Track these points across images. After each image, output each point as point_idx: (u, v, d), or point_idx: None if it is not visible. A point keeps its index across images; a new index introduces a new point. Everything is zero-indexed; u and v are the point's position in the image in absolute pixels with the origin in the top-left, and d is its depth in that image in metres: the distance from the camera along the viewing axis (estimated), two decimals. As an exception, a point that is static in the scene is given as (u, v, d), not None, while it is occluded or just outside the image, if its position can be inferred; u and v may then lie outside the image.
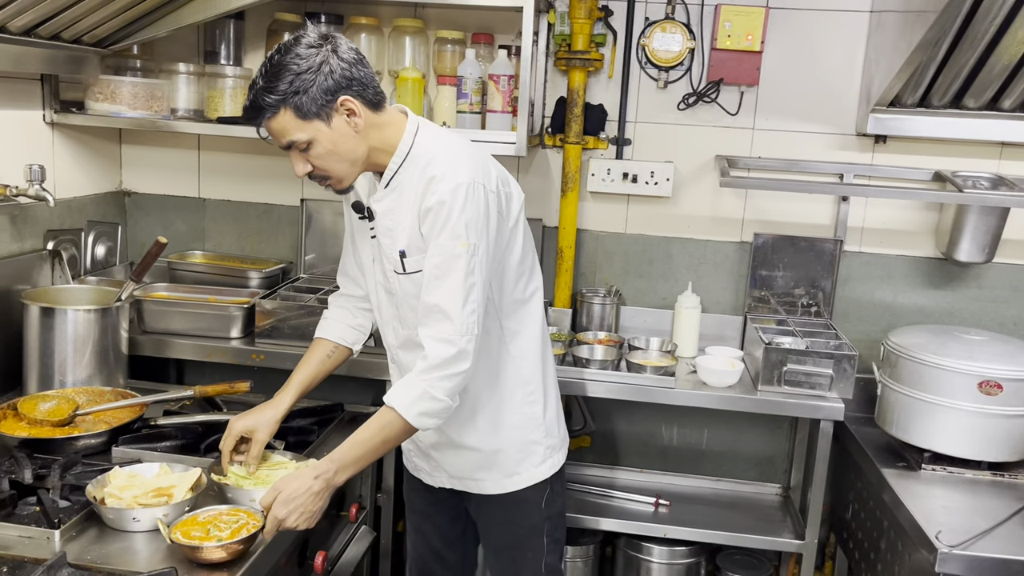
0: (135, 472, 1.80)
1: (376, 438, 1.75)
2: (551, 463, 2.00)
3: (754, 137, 2.86)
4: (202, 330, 2.58)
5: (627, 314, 2.94)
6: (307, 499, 1.66)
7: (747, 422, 2.96)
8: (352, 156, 1.75)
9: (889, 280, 2.88)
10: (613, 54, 2.83)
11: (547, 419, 1.99)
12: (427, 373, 1.71)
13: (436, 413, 1.74)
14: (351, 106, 1.70)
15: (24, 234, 2.49)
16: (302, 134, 1.69)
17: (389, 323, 1.95)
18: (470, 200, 1.71)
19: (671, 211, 2.92)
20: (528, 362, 1.94)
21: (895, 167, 2.79)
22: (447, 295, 1.71)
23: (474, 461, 1.96)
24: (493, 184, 1.79)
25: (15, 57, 2.23)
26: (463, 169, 1.73)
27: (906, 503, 2.17)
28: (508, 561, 2.04)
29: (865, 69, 2.74)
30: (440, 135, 1.84)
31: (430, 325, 1.73)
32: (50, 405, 2.10)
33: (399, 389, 1.75)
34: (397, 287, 1.86)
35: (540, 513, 2.00)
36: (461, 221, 1.70)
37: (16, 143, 2.46)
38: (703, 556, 2.79)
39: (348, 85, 1.69)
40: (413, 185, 1.77)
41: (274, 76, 1.65)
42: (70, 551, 1.54)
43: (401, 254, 1.81)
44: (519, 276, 1.90)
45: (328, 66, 1.66)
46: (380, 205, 1.83)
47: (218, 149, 3.02)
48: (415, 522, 2.19)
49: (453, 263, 1.71)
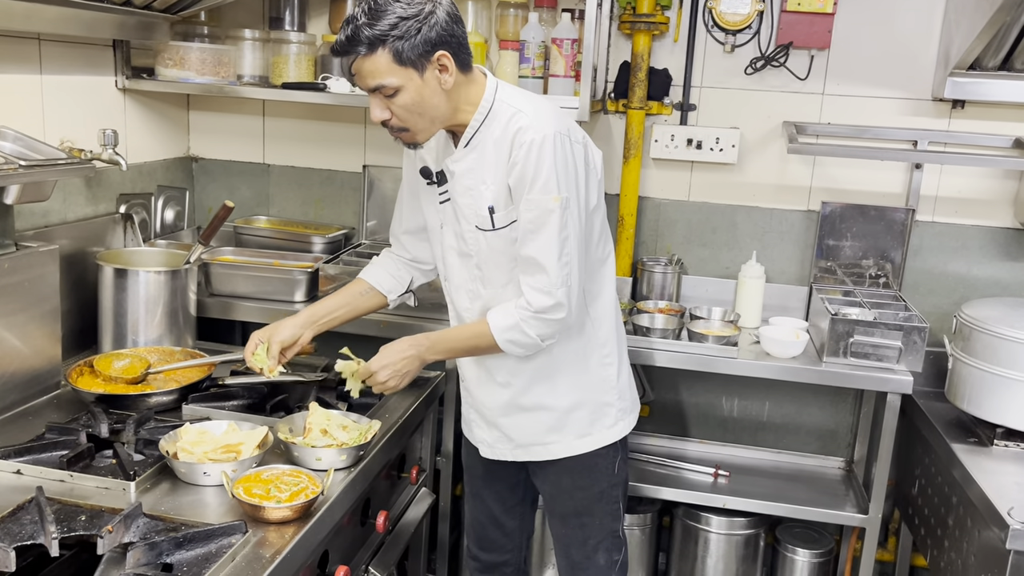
0: (205, 429, 1.85)
1: (467, 342, 1.89)
2: (622, 426, 2.01)
3: (823, 102, 2.77)
4: (267, 293, 2.63)
5: (689, 283, 2.91)
6: (398, 359, 1.85)
7: (810, 394, 2.91)
8: (434, 113, 1.74)
9: (963, 251, 2.78)
10: (679, 17, 2.77)
11: (620, 382, 2.00)
12: (525, 310, 1.78)
13: (524, 346, 1.82)
14: (446, 62, 1.69)
15: (98, 197, 2.56)
16: (394, 79, 1.67)
17: (463, 287, 1.95)
18: (559, 151, 1.72)
19: (736, 179, 2.86)
20: (605, 324, 1.95)
21: (973, 133, 2.69)
22: (542, 248, 1.74)
23: (546, 423, 1.96)
24: (579, 136, 1.80)
25: (88, 22, 2.28)
26: (548, 120, 1.73)
27: (977, 479, 2.12)
28: (577, 527, 2.03)
29: (944, 30, 2.63)
30: (520, 92, 1.84)
31: (529, 274, 1.78)
32: (124, 363, 2.17)
33: (500, 311, 1.82)
34: (478, 247, 1.86)
35: (609, 478, 2.01)
36: (552, 174, 1.71)
37: (90, 108, 2.52)
38: (762, 528, 2.76)
39: (448, 41, 1.68)
40: (496, 140, 1.77)
41: (378, 14, 1.63)
42: (144, 502, 1.60)
43: (490, 210, 1.80)
44: (600, 234, 1.91)
45: (435, 17, 1.66)
46: (459, 165, 1.82)
47: (282, 115, 3.05)
48: (474, 487, 2.21)
49: (547, 218, 1.73)
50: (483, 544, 2.23)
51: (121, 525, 1.48)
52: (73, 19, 2.23)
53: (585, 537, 2.03)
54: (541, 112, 1.75)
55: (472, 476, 2.21)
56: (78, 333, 2.36)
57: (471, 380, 2.04)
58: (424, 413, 2.34)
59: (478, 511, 2.21)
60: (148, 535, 1.51)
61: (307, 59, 2.78)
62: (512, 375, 1.94)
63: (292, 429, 1.89)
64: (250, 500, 1.60)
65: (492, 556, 2.23)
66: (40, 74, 2.30)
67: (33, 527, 1.51)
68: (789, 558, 2.78)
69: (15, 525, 1.52)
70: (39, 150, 2.02)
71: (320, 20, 2.92)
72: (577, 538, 2.04)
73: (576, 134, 1.79)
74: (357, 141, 3.02)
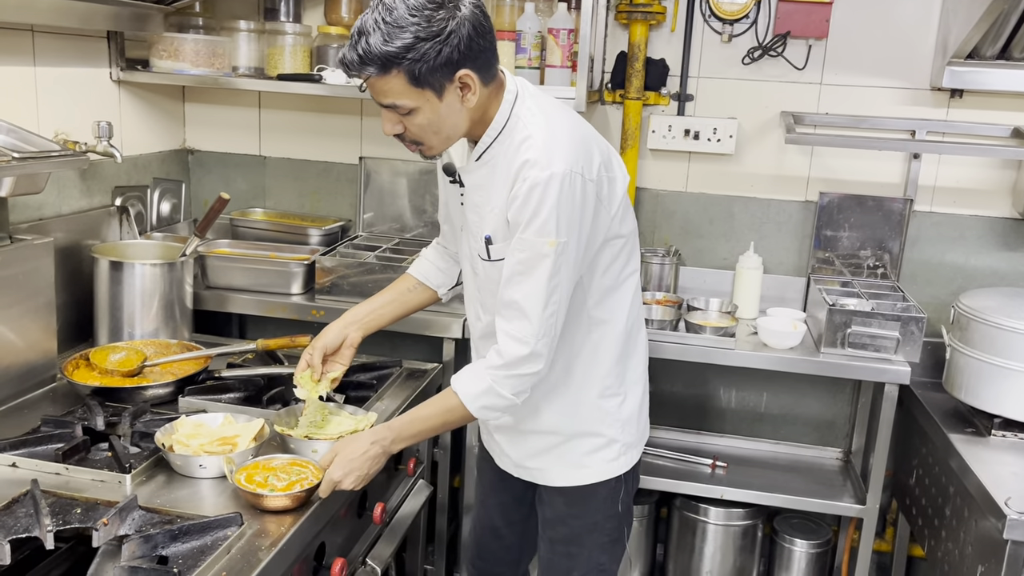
0: (201, 421, 1.85)
1: (437, 419, 1.74)
2: (624, 460, 1.87)
3: (821, 92, 2.76)
4: (263, 286, 2.62)
5: (686, 274, 2.90)
6: (363, 462, 1.67)
7: (807, 385, 2.91)
8: (452, 131, 1.61)
9: (961, 241, 2.78)
10: (676, 7, 2.76)
11: (624, 414, 1.85)
12: (496, 369, 1.64)
13: (500, 408, 1.69)
14: (468, 81, 1.54)
15: (93, 190, 2.55)
16: (408, 101, 1.54)
17: (471, 302, 1.86)
18: (564, 192, 1.55)
19: (734, 169, 2.86)
20: (609, 354, 1.80)
21: (971, 123, 2.68)
22: (528, 295, 1.60)
23: (539, 447, 1.86)
24: (594, 172, 1.62)
25: (82, 13, 2.27)
26: (560, 156, 1.57)
27: (974, 469, 2.11)
28: (563, 555, 1.91)
29: (942, 19, 2.62)
30: (540, 108, 1.65)
31: (508, 319, 1.64)
32: (120, 356, 2.16)
33: (467, 377, 1.69)
34: (481, 271, 1.76)
35: (605, 511, 1.88)
36: (552, 217, 1.55)
37: (85, 100, 2.51)
38: (760, 519, 2.76)
39: (472, 58, 1.52)
40: (507, 162, 1.63)
41: (393, 33, 1.47)
42: (140, 495, 1.59)
43: (487, 240, 1.68)
44: (613, 260, 1.74)
45: (457, 36, 1.49)
46: (470, 178, 1.71)
47: (278, 107, 3.04)
48: (481, 494, 2.13)
49: (539, 262, 1.58)
50: (481, 552, 2.16)
51: (117, 518, 1.48)
52: (67, 10, 2.22)
53: (570, 568, 1.91)
54: (554, 143, 1.58)
55: (482, 482, 2.13)
56: (74, 326, 2.36)
57: None
58: (421, 405, 2.33)
59: (482, 518, 2.14)
60: (144, 528, 1.51)
61: (303, 50, 2.77)
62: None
63: (288, 421, 1.89)
64: (249, 488, 1.60)
65: (488, 566, 2.15)
66: (34, 66, 2.29)
67: (28, 520, 1.51)
68: (787, 549, 2.79)
69: (10, 518, 1.51)
70: (33, 142, 2.01)
71: (316, 11, 2.90)
72: (561, 567, 1.92)
73: (591, 170, 1.60)
74: (353, 133, 3.01)
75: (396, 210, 3.00)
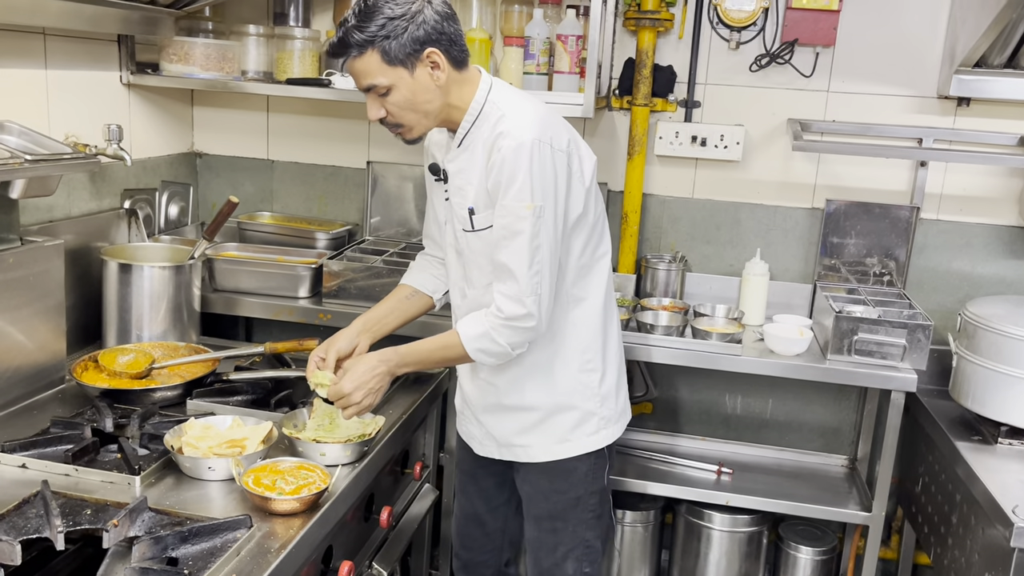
0: (209, 424, 1.85)
1: (436, 353, 1.87)
2: (605, 435, 1.98)
3: (828, 100, 2.77)
4: (271, 289, 2.63)
5: (693, 280, 2.91)
6: (371, 378, 1.80)
7: (813, 392, 2.91)
8: (427, 108, 1.76)
9: (968, 249, 2.78)
10: (684, 14, 2.76)
11: (603, 389, 1.97)
12: (495, 318, 1.78)
13: (494, 355, 1.81)
14: (436, 59, 1.71)
15: (102, 192, 2.56)
16: (384, 79, 1.70)
17: (457, 284, 1.97)
18: (535, 159, 1.71)
19: (740, 176, 2.86)
20: (589, 329, 1.93)
21: (978, 131, 2.68)
22: (513, 255, 1.74)
23: (526, 424, 1.95)
24: (563, 144, 1.77)
25: (93, 17, 2.28)
26: (529, 126, 1.73)
27: (981, 477, 2.11)
28: (549, 531, 2.00)
29: (949, 28, 2.63)
30: (512, 93, 1.84)
31: (501, 280, 1.78)
32: (128, 358, 2.17)
33: (470, 319, 1.82)
34: (465, 245, 1.88)
35: (587, 485, 1.98)
36: (527, 182, 1.71)
37: (95, 103, 2.52)
38: (765, 525, 2.76)
39: (437, 39, 1.70)
40: (483, 142, 1.78)
41: (367, 16, 1.67)
42: (149, 496, 1.59)
43: (470, 211, 1.82)
44: (587, 240, 1.89)
45: (422, 16, 1.68)
46: (453, 165, 1.85)
47: (286, 111, 3.05)
48: (461, 482, 2.20)
49: (518, 224, 1.73)
50: (464, 541, 2.22)
51: (127, 519, 1.48)
52: (78, 14, 2.23)
53: (556, 543, 2.00)
54: (525, 117, 1.75)
55: (461, 471, 2.20)
56: (83, 328, 2.37)
57: (463, 374, 2.06)
58: (427, 409, 2.34)
59: (464, 507, 2.20)
60: (153, 529, 1.51)
61: (311, 55, 2.78)
62: (494, 374, 1.94)
63: (296, 424, 1.90)
64: (257, 491, 1.60)
65: (472, 555, 2.21)
66: (45, 69, 2.30)
67: (39, 521, 1.51)
68: (792, 556, 2.78)
69: (20, 519, 1.52)
70: (44, 144, 2.02)
71: (324, 16, 2.92)
72: (548, 543, 2.01)
73: (559, 141, 1.77)
74: (361, 137, 3.02)
75: (403, 214, 3.00)
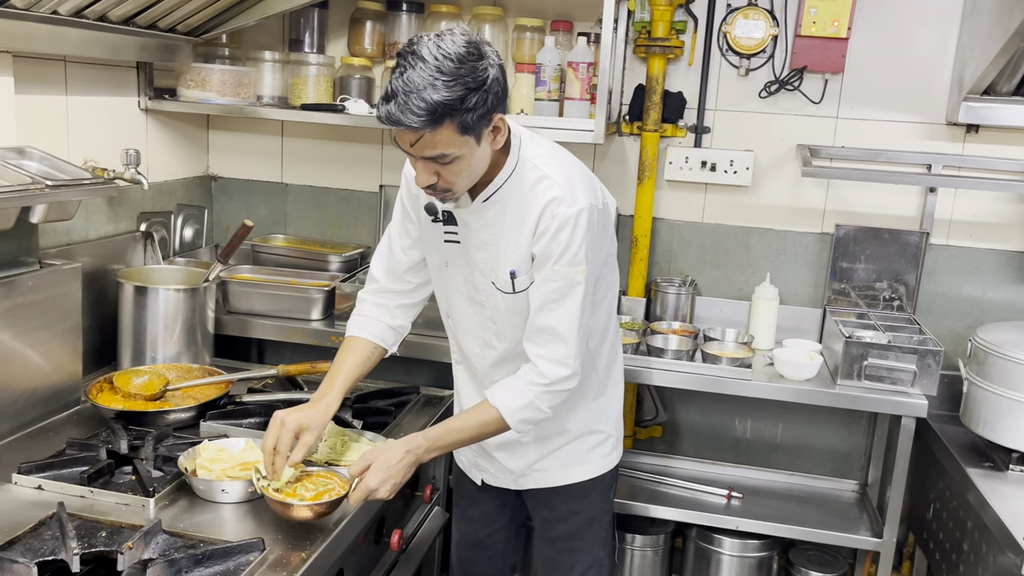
0: (223, 446, 1.87)
1: (472, 431, 1.78)
2: (615, 455, 2.02)
3: (837, 126, 2.79)
4: (284, 311, 2.65)
5: (702, 304, 2.92)
6: (399, 470, 1.69)
7: (823, 416, 2.91)
8: (479, 173, 1.66)
9: (977, 275, 2.78)
10: (694, 41, 2.80)
11: (614, 410, 2.01)
12: (537, 386, 1.73)
13: (535, 421, 1.78)
14: (500, 124, 1.62)
15: (119, 216, 2.59)
16: (455, 150, 1.56)
17: (472, 332, 1.90)
18: (590, 225, 1.68)
19: (750, 201, 2.88)
20: (601, 357, 1.94)
21: (987, 157, 2.69)
22: (564, 320, 1.70)
23: (542, 453, 1.95)
24: (600, 201, 1.75)
25: (113, 45, 2.33)
26: (581, 192, 1.69)
27: (992, 504, 2.11)
28: (566, 552, 2.01)
29: (958, 56, 2.65)
30: (543, 148, 1.76)
31: (543, 345, 1.73)
32: (143, 380, 2.19)
33: (506, 393, 1.75)
34: (494, 303, 1.81)
35: (602, 505, 2.01)
36: (582, 248, 1.67)
37: (113, 128, 2.56)
38: (776, 550, 2.75)
39: (503, 101, 1.59)
40: (520, 201, 1.71)
41: (447, 87, 1.48)
42: (163, 518, 1.61)
43: (512, 274, 1.75)
44: (606, 277, 1.87)
45: (498, 84, 1.55)
46: (475, 218, 1.75)
47: (300, 135, 3.09)
48: (462, 507, 2.19)
49: (572, 289, 1.69)
50: (466, 567, 2.21)
51: (141, 541, 1.50)
52: (98, 42, 2.27)
53: (572, 563, 2.01)
54: (573, 181, 1.69)
55: (460, 496, 2.18)
56: (98, 349, 2.39)
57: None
58: (438, 432, 2.35)
59: (464, 533, 2.19)
60: (167, 552, 1.52)
61: (326, 80, 2.82)
62: None
63: None
64: (277, 497, 1.62)
65: None
66: (65, 95, 2.34)
67: (55, 543, 1.53)
68: (802, 581, 2.77)
69: (36, 541, 1.54)
70: (64, 170, 2.05)
71: (339, 42, 2.96)
72: (564, 564, 2.02)
73: (598, 200, 1.72)
74: (374, 161, 3.05)
75: (415, 238, 3.03)
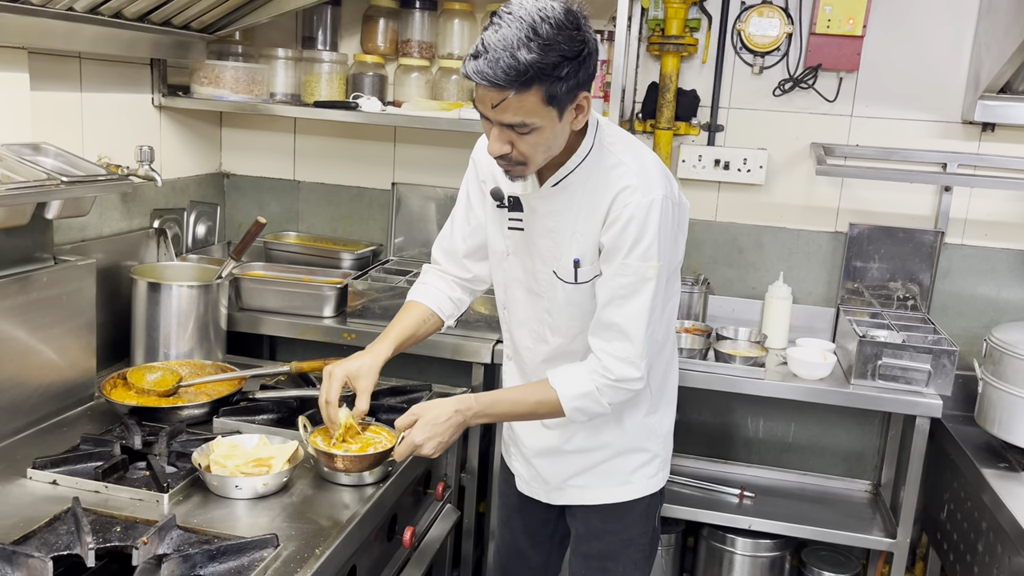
0: (236, 442, 1.87)
1: (526, 407, 1.74)
2: (661, 476, 1.92)
3: (852, 124, 2.77)
4: (296, 308, 2.66)
5: (715, 303, 2.90)
6: (445, 429, 1.66)
7: (836, 416, 2.90)
8: (555, 150, 1.59)
9: (993, 274, 2.76)
10: (707, 39, 2.79)
11: (663, 429, 1.90)
12: (602, 378, 1.67)
13: (592, 414, 1.71)
14: (584, 103, 1.55)
15: (133, 212, 2.60)
16: (537, 119, 1.49)
17: (527, 324, 1.84)
18: (664, 217, 1.60)
19: (763, 199, 2.87)
20: (657, 372, 1.83)
21: (1004, 156, 2.68)
22: (632, 317, 1.63)
23: (583, 466, 1.88)
24: (676, 195, 1.67)
25: (128, 42, 2.33)
26: (656, 182, 1.61)
27: (1008, 505, 2.09)
28: (598, 571, 1.92)
29: (974, 54, 2.63)
30: (621, 136, 1.70)
31: (609, 341, 1.66)
32: (156, 376, 2.20)
33: (569, 377, 1.70)
34: (553, 293, 1.75)
35: (641, 526, 1.91)
36: (655, 241, 1.60)
37: (127, 124, 2.57)
38: (788, 550, 2.74)
39: (591, 80, 1.52)
40: (591, 188, 1.64)
41: (543, 50, 1.42)
42: (177, 514, 1.61)
43: (575, 263, 1.68)
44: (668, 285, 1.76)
45: (592, 59, 1.49)
46: (544, 204, 1.69)
47: (313, 132, 3.09)
48: (504, 515, 2.14)
49: (642, 285, 1.62)
50: (507, 573, 2.16)
51: (156, 537, 1.50)
52: (113, 39, 2.28)
53: None
54: (648, 170, 1.62)
55: (505, 504, 2.13)
56: (111, 345, 2.40)
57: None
58: (450, 430, 2.34)
59: (506, 540, 2.14)
60: (182, 547, 1.53)
61: (339, 78, 2.83)
62: (561, 421, 1.82)
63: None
64: (323, 447, 1.65)
65: None
66: (80, 91, 2.35)
67: (70, 537, 1.53)
68: (815, 582, 2.76)
69: (52, 535, 1.54)
70: (79, 166, 2.06)
71: (352, 39, 2.96)
72: None
73: (674, 194, 1.65)
74: (386, 159, 3.06)
75: (426, 235, 3.03)
